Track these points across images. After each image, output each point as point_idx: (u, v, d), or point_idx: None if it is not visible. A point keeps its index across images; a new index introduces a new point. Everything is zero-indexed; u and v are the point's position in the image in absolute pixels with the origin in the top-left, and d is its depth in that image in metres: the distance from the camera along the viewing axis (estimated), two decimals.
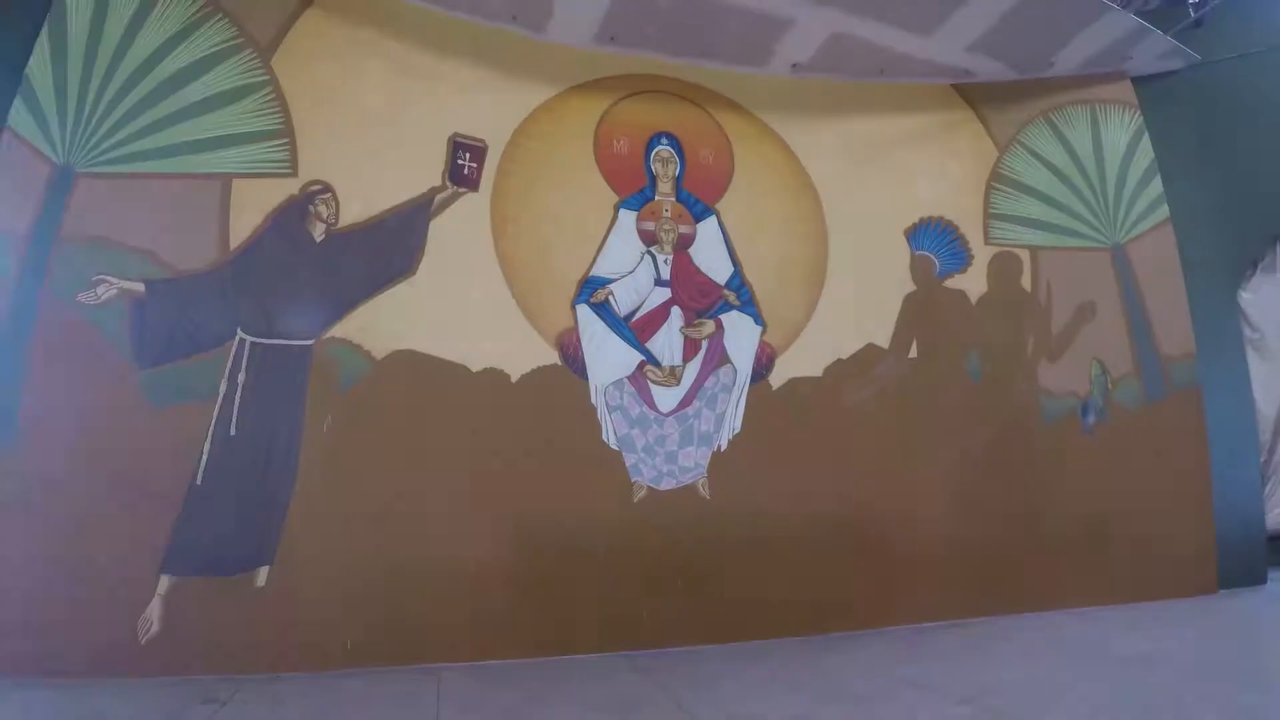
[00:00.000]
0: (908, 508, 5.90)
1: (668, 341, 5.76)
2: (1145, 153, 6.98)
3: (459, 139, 5.57)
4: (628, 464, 5.47)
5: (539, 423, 5.30)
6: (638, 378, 5.64)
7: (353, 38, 5.45)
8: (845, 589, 5.58)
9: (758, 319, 5.96)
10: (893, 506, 5.86)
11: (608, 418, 5.50)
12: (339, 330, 5.09)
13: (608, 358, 5.59)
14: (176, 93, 5.02)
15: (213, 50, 5.14)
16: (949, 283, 6.32)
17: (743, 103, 6.31)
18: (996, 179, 6.73)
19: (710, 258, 5.97)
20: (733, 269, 5.99)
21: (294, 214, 5.16)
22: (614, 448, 5.46)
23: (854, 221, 6.27)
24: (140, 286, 4.80)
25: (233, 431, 4.78)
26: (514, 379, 5.33)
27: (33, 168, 4.74)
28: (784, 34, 5.81)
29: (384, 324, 5.15)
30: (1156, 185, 6.90)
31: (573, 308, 5.57)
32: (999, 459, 6.17)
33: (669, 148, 6.09)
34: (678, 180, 6.04)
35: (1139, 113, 7.01)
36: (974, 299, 6.37)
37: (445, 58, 5.63)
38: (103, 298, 4.71)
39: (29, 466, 4.41)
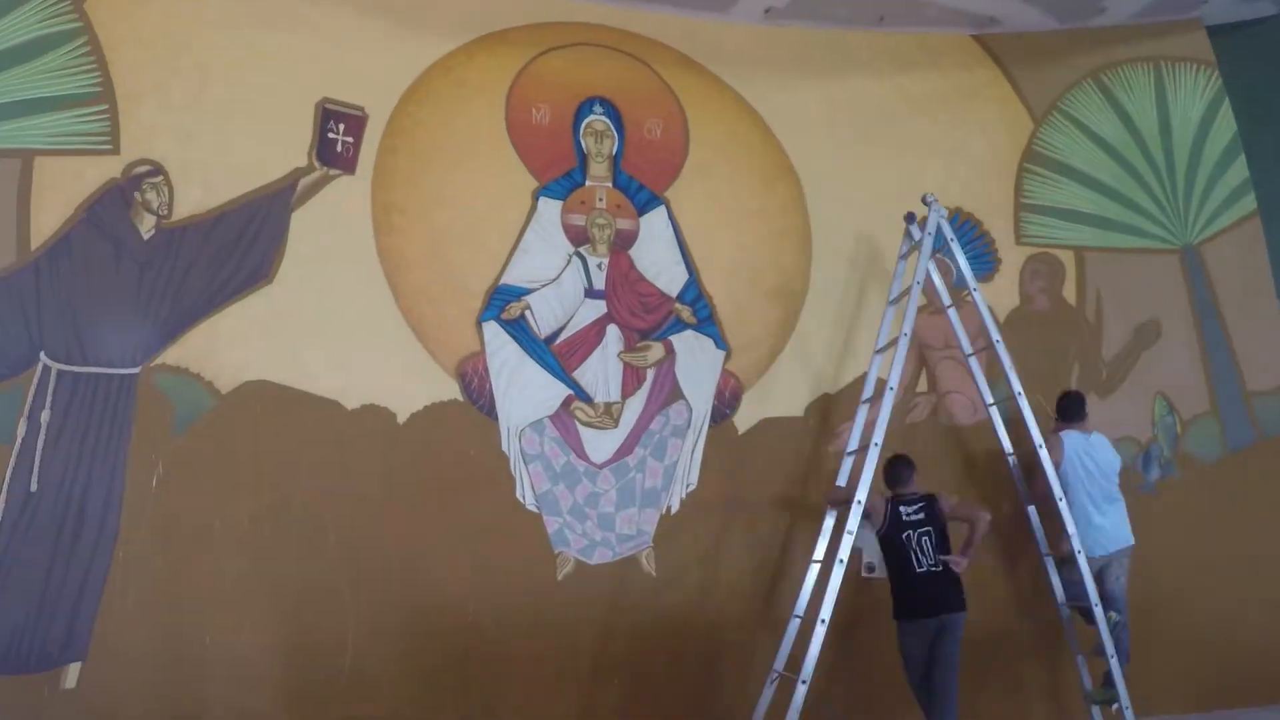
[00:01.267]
0: None
1: (602, 370, 6.78)
2: (1226, 125, 8.20)
3: (330, 106, 6.56)
4: (549, 530, 6.44)
5: (434, 477, 6.25)
6: (563, 417, 6.63)
7: None
8: (842, 693, 6.50)
9: (719, 341, 7.03)
10: None
11: (524, 470, 6.48)
12: (172, 355, 5.99)
13: (524, 391, 6.59)
14: None
15: None
16: (969, 294, 7.38)
17: (700, 59, 7.42)
18: (1031, 159, 7.93)
19: (658, 261, 7.04)
20: (687, 276, 7.07)
21: (114, 203, 6.06)
22: (532, 509, 6.44)
23: (846, 215, 7.34)
24: None
25: (33, 487, 5.60)
26: (401, 419, 6.29)
27: None
28: None
29: (231, 347, 6.06)
30: (1241, 168, 8.10)
31: (478, 325, 6.56)
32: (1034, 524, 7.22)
33: (604, 118, 7.16)
34: (615, 160, 7.11)
35: (1217, 73, 8.23)
36: (1002, 315, 7.47)
37: (313, 0, 6.60)
38: None
39: None
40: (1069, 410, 6.81)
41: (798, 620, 6.10)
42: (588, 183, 7.03)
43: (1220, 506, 7.46)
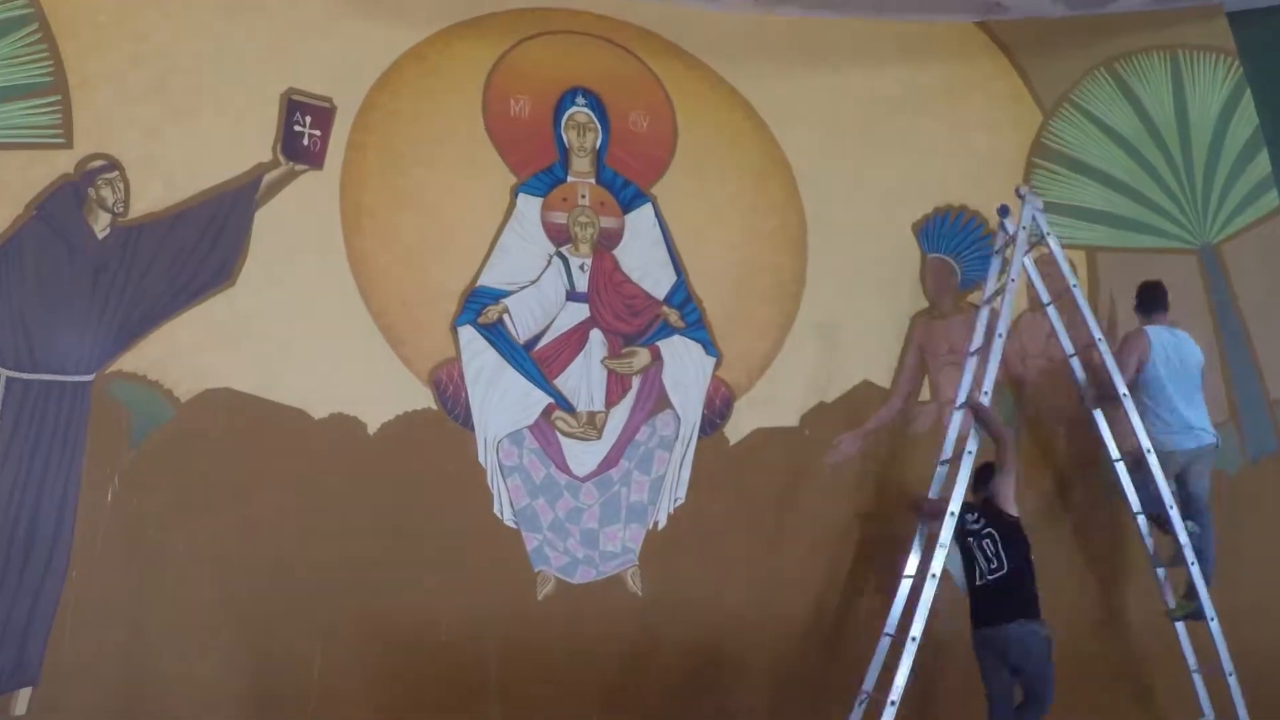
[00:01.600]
0: None
1: (585, 378, 6.93)
2: (1247, 117, 8.32)
3: (296, 98, 6.70)
4: (529, 547, 6.58)
5: (406, 490, 6.39)
6: (543, 428, 6.77)
7: None
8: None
9: (709, 347, 7.18)
10: None
11: (502, 483, 6.62)
12: (129, 362, 6.14)
13: (502, 400, 6.73)
14: None
15: None
16: (975, 297, 7.52)
17: (690, 48, 7.56)
18: (1041, 154, 8.07)
19: (644, 262, 7.18)
20: (675, 278, 7.21)
21: (67, 200, 6.20)
22: (510, 524, 6.58)
23: (843, 213, 7.48)
24: None
25: None
26: (372, 429, 6.43)
27: None
28: None
29: (192, 353, 6.21)
30: (1263, 162, 8.21)
31: (453, 330, 6.71)
32: (1044, 542, 7.30)
33: (587, 110, 7.31)
34: (599, 154, 7.27)
35: (1238, 62, 8.35)
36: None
37: None
38: None
39: None
40: (1153, 302, 6.99)
41: (888, 639, 6.18)
42: (569, 178, 7.17)
43: (1240, 520, 7.49)
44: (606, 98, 7.35)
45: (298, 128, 6.66)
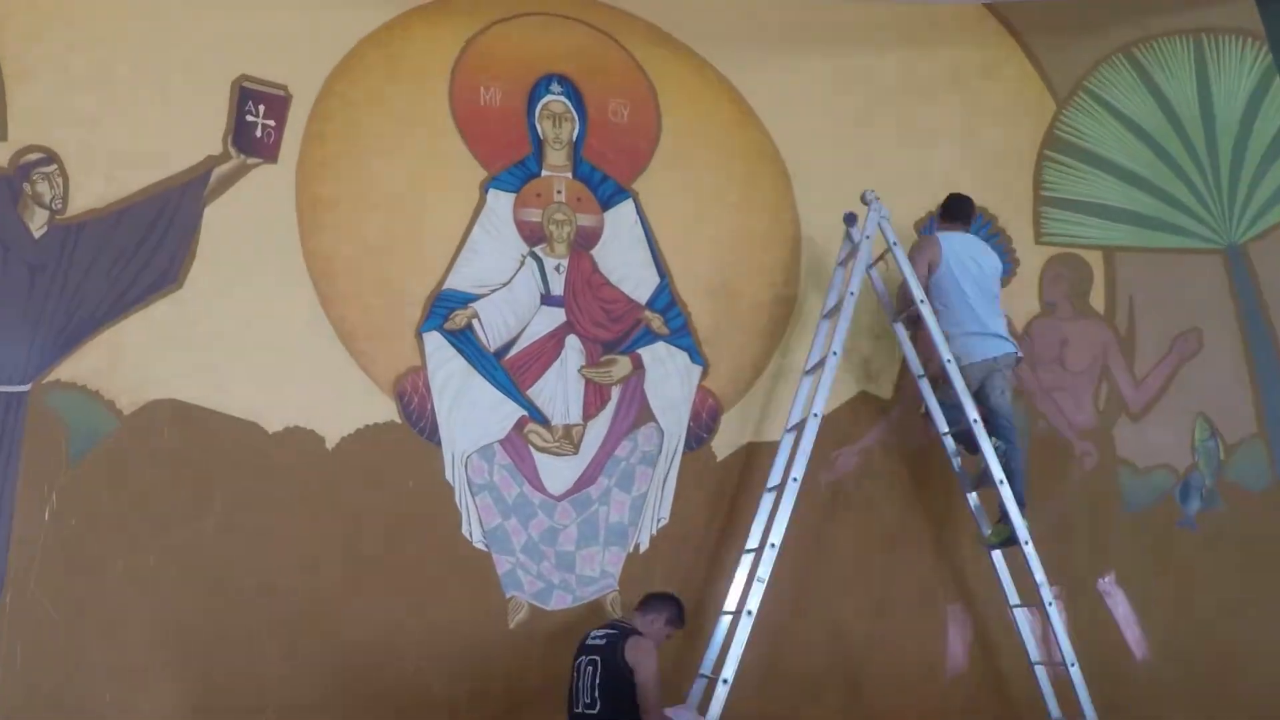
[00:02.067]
0: (925, 647, 7.23)
1: (560, 388, 7.09)
2: (1277, 106, 8.57)
3: (249, 85, 6.85)
4: (500, 571, 6.73)
5: (367, 509, 6.54)
6: (516, 442, 6.93)
7: None
8: None
9: (695, 355, 7.34)
10: (904, 645, 7.16)
11: (470, 502, 6.77)
12: (68, 370, 6.27)
13: (471, 412, 6.87)
14: None
15: None
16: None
17: (675, 32, 7.71)
18: (1053, 145, 8.28)
19: (625, 263, 7.34)
20: (659, 280, 7.38)
21: (0, 197, 6.34)
22: (480, 546, 6.73)
23: (839, 210, 7.49)
24: None
25: None
26: (330, 443, 6.58)
27: None
28: None
29: (136, 361, 6.34)
30: None
31: (418, 336, 6.86)
32: (1056, 568, 7.48)
33: (563, 99, 7.47)
34: (576, 147, 7.43)
35: (1267, 46, 8.60)
36: (1020, 324, 7.83)
37: None
38: None
39: None
40: (955, 209, 7.26)
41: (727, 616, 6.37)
42: (544, 173, 7.32)
43: (1271, 542, 7.79)
44: (584, 86, 7.50)
45: (250, 117, 6.80)
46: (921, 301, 6.69)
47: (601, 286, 7.28)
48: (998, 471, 6.44)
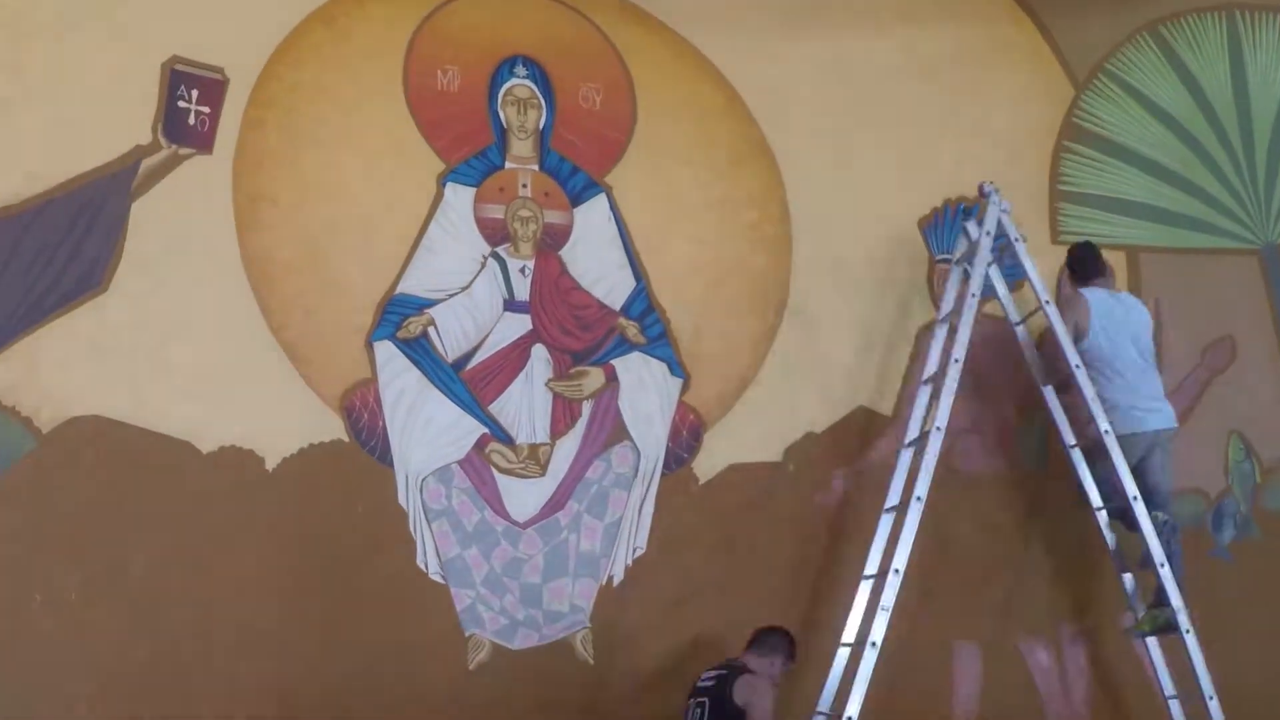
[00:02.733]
0: (929, 685, 7.44)
1: (526, 403, 7.25)
2: None
3: (181, 68, 6.97)
4: (458, 606, 6.89)
5: (312, 537, 6.70)
6: (476, 463, 7.10)
7: None
8: None
9: (675, 366, 7.53)
10: (909, 684, 7.25)
11: (426, 529, 6.94)
12: None
13: (426, 430, 7.04)
14: None
15: None
16: (992, 306, 7.84)
17: (652, 9, 7.86)
18: (1072, 135, 8.52)
19: (597, 265, 7.51)
20: (634, 284, 7.56)
21: None
22: (436, 578, 6.89)
23: (835, 207, 7.84)
24: None
25: None
26: (270, 464, 6.73)
27: None
28: None
29: (55, 374, 6.45)
30: None
31: (368, 346, 7.01)
32: (1074, 605, 7.80)
33: (528, 83, 7.64)
34: (543, 136, 7.60)
35: None
36: (1035, 331, 7.88)
37: None
38: None
39: None
40: (1086, 262, 7.42)
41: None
42: (508, 165, 7.48)
43: None
44: (552, 68, 7.66)
45: (182, 104, 6.93)
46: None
47: (571, 291, 7.45)
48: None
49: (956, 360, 6.71)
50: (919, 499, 6.35)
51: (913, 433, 6.92)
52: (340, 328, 6.97)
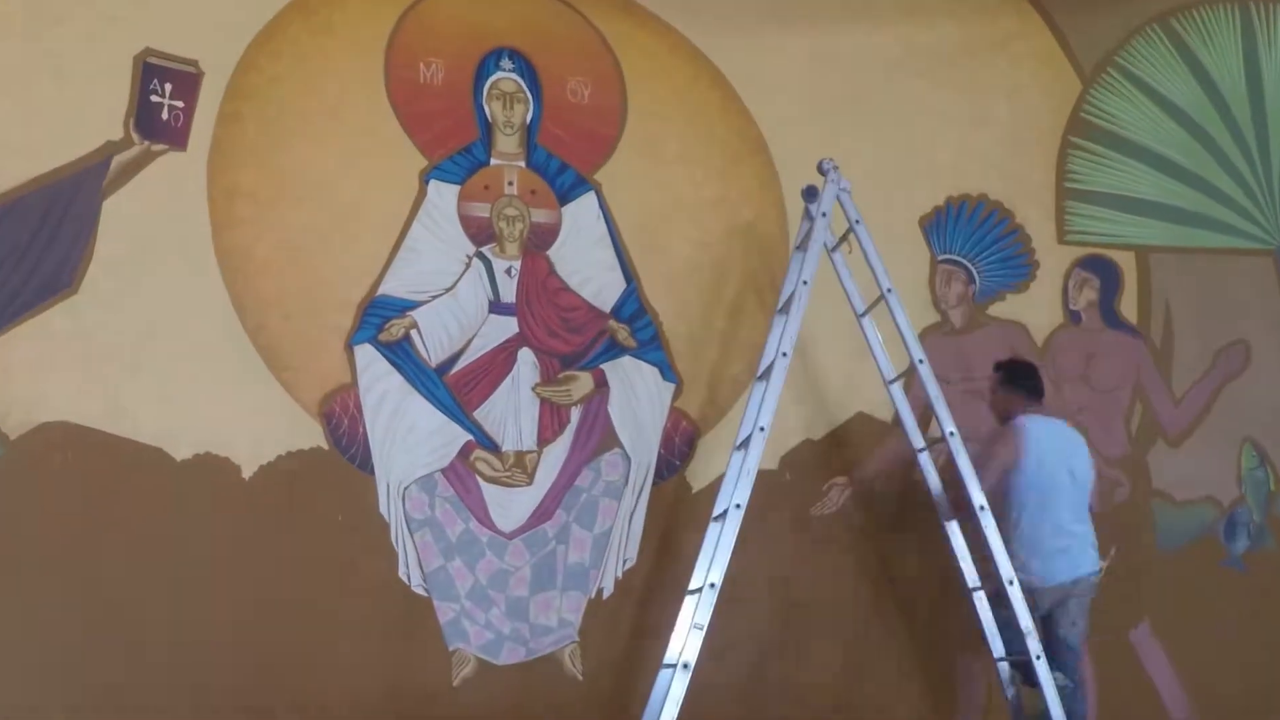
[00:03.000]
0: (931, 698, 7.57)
1: (512, 409, 7.34)
2: None
3: (154, 61, 7.03)
4: (442, 619, 6.99)
5: (289, 548, 6.78)
6: (461, 471, 7.19)
7: None
8: None
9: (667, 371, 7.64)
10: (909, 707, 7.50)
11: (408, 540, 7.03)
12: None
13: (409, 437, 7.13)
14: None
15: None
16: (996, 308, 8.11)
17: (644, 0, 7.96)
18: (1079, 130, 8.63)
19: (586, 265, 7.61)
20: (625, 284, 7.65)
21: None
22: (419, 591, 6.99)
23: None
24: None
25: None
26: (247, 472, 6.82)
27: None
28: None
29: (23, 378, 6.52)
30: None
31: (349, 350, 7.10)
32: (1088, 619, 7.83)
33: (514, 76, 7.72)
34: (530, 131, 7.68)
35: None
36: (1040, 336, 8.19)
37: None
38: None
39: None
40: (1027, 384, 7.13)
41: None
42: (493, 161, 7.57)
43: None
44: (539, 61, 7.74)
45: (156, 97, 7.00)
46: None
47: (559, 292, 7.54)
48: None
49: (784, 354, 6.48)
50: (738, 506, 6.07)
51: (742, 434, 6.69)
52: (320, 330, 7.03)
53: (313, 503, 6.87)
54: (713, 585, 5.98)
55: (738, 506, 6.10)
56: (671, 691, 5.76)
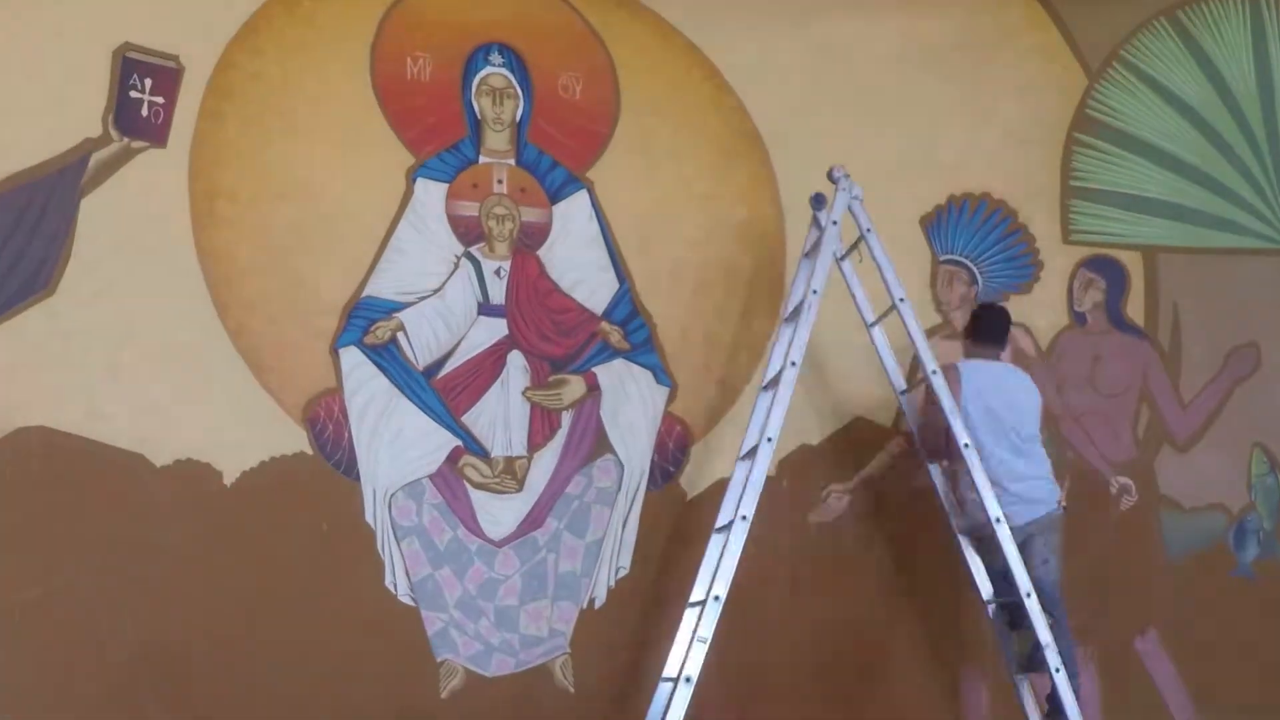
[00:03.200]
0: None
1: (501, 413, 7.40)
2: None
3: (134, 56, 7.06)
4: (430, 630, 7.04)
5: (272, 557, 6.82)
6: (449, 477, 7.25)
7: None
8: None
9: (661, 374, 7.70)
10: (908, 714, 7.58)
11: (395, 548, 7.08)
12: None
13: (395, 442, 7.18)
14: None
15: None
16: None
17: None
18: (1084, 127, 8.70)
19: (577, 265, 7.67)
20: (618, 285, 7.72)
21: None
22: (406, 600, 7.04)
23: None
24: None
25: None
26: (229, 479, 6.86)
27: None
28: None
29: (1, 383, 6.53)
30: None
31: (333, 353, 7.15)
32: (1087, 626, 7.84)
33: (504, 72, 7.77)
34: (520, 128, 7.74)
35: None
36: (1044, 338, 8.27)
37: None
38: None
39: None
40: (985, 329, 7.31)
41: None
42: (482, 159, 7.62)
43: None
44: (530, 56, 7.78)
45: (135, 94, 7.03)
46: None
47: (550, 293, 7.61)
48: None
49: (793, 363, 6.56)
50: (744, 518, 6.25)
51: (747, 443, 6.81)
52: (304, 333, 7.07)
53: (296, 510, 6.91)
54: (716, 598, 6.08)
55: (744, 518, 6.25)
56: (672, 707, 5.88)
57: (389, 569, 7.02)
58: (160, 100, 7.04)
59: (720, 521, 6.54)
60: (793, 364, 6.54)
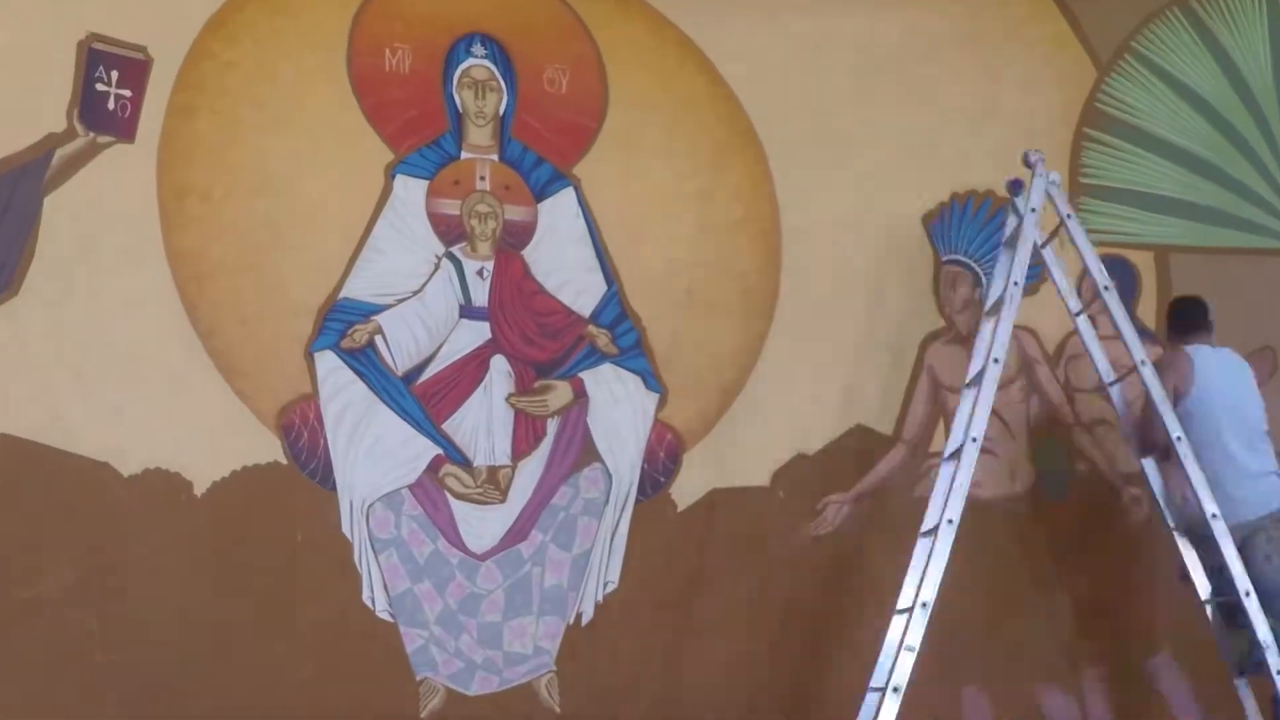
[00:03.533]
0: None
1: (484, 421, 7.48)
2: None
3: (100, 46, 7.13)
4: (409, 647, 7.11)
5: (245, 570, 6.90)
6: (429, 487, 7.33)
7: None
8: None
9: (651, 380, 7.77)
10: None
11: (373, 561, 7.16)
12: None
13: (373, 450, 7.26)
14: None
15: None
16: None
17: None
18: (1094, 122, 8.80)
19: (563, 266, 7.74)
20: (606, 287, 7.79)
21: None
22: (385, 616, 7.11)
23: (829, 201, 8.09)
24: None
25: None
26: (200, 489, 6.93)
27: None
28: None
29: None
30: None
31: (308, 357, 7.22)
32: (1096, 643, 8.06)
33: (487, 63, 7.85)
34: (504, 123, 7.82)
35: None
36: (1051, 342, 8.37)
37: None
38: None
39: None
40: (1192, 316, 7.38)
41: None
42: (464, 155, 7.71)
43: None
44: (514, 47, 7.86)
45: (101, 86, 7.10)
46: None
47: (534, 295, 7.69)
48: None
49: (996, 360, 6.68)
50: (950, 522, 6.31)
51: (952, 445, 6.83)
52: (277, 336, 7.15)
53: (270, 521, 6.99)
54: (924, 605, 6.19)
55: (950, 522, 6.33)
56: (881, 717, 5.95)
57: (366, 583, 7.08)
58: (127, 93, 7.11)
59: (925, 526, 6.58)
60: (995, 361, 6.62)
